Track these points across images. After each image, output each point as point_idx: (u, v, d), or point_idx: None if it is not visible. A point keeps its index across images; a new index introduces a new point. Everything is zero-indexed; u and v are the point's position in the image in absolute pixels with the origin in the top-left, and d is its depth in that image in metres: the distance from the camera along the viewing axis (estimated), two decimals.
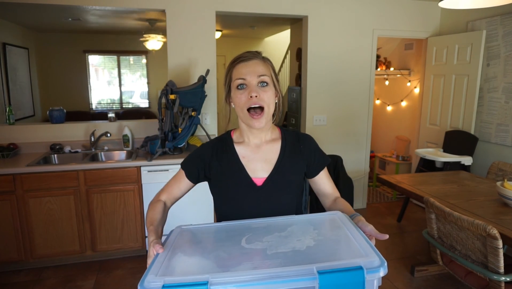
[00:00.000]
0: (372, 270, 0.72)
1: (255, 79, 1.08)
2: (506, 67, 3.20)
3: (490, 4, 1.91)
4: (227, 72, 1.14)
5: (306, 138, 1.24)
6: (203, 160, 1.18)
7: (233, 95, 1.11)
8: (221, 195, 1.20)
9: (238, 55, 1.14)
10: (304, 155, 1.20)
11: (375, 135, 5.28)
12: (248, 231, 0.95)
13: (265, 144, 1.19)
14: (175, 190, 1.21)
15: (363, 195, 4.11)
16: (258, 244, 0.87)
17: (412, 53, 4.59)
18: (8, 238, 2.63)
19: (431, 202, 2.08)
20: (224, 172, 1.16)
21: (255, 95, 1.07)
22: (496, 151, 3.34)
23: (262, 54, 1.15)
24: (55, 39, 6.46)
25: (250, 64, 1.09)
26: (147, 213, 1.11)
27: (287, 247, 0.84)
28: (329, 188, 1.24)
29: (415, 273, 2.68)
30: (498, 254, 1.74)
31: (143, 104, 7.29)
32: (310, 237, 0.89)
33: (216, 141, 1.22)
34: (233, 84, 1.10)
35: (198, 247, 0.90)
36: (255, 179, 1.15)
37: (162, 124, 2.95)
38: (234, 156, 1.17)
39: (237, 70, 1.10)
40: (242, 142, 1.19)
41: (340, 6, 3.59)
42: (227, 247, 0.87)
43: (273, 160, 1.17)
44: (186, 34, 3.21)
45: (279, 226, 0.98)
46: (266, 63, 1.13)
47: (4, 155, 2.85)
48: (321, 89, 3.70)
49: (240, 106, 1.09)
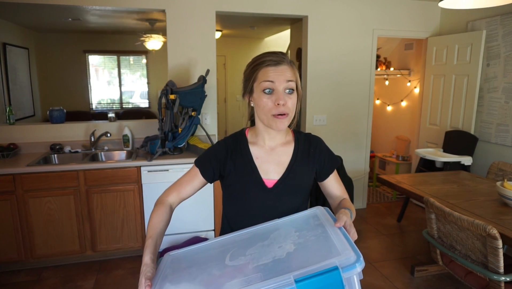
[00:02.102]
0: (348, 267, 0.72)
1: (283, 85, 1.07)
2: (506, 67, 3.20)
3: (490, 4, 1.91)
4: (251, 71, 1.12)
5: (317, 141, 1.24)
6: (218, 158, 1.18)
7: (257, 97, 1.10)
8: (231, 193, 1.20)
9: (264, 55, 1.11)
10: (315, 159, 1.21)
11: (375, 135, 5.28)
12: (233, 246, 0.96)
13: (279, 146, 1.19)
14: (187, 188, 1.18)
15: (363, 195, 4.11)
16: (241, 259, 0.88)
17: (412, 53, 4.59)
18: (8, 238, 2.63)
19: (431, 202, 2.08)
20: (237, 171, 1.17)
21: (283, 104, 1.06)
22: (496, 151, 3.34)
23: (288, 56, 1.14)
24: (55, 39, 6.46)
25: (280, 69, 1.08)
26: (151, 215, 1.09)
27: (268, 257, 0.84)
28: (337, 190, 1.25)
29: (415, 273, 2.68)
30: (498, 254, 1.74)
31: (143, 104, 7.29)
32: (291, 241, 0.89)
33: (231, 140, 1.21)
34: (259, 86, 1.09)
35: (184, 274, 0.91)
36: (267, 181, 1.16)
37: (162, 124, 2.95)
38: (248, 156, 1.17)
39: (266, 73, 1.08)
40: (257, 143, 1.19)
41: (340, 6, 3.59)
42: (211, 268, 0.88)
43: (285, 163, 1.17)
44: (186, 34, 3.21)
45: (262, 234, 0.99)
46: (293, 69, 1.12)
47: (4, 155, 2.85)
48: (321, 89, 3.70)
49: (264, 111, 1.09)
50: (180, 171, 2.84)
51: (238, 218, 1.20)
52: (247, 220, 1.17)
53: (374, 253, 3.06)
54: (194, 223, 2.95)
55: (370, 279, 2.65)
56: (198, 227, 2.98)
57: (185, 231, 2.93)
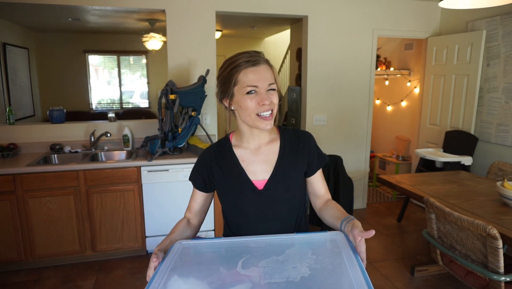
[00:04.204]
0: None
1: (265, 86, 1.07)
2: (506, 67, 3.20)
3: (490, 4, 1.91)
4: (229, 75, 1.08)
5: (305, 136, 1.22)
6: (205, 166, 1.19)
7: (239, 99, 1.08)
8: (224, 199, 1.20)
9: (239, 56, 1.09)
10: (304, 154, 1.19)
11: (375, 135, 5.28)
12: (246, 252, 0.96)
13: (264, 146, 1.18)
14: (192, 204, 1.24)
15: (363, 195, 4.11)
16: (254, 269, 0.87)
17: (412, 53, 4.59)
18: (8, 238, 2.63)
19: (431, 202, 2.08)
20: (225, 177, 1.16)
21: (268, 103, 1.06)
22: (496, 151, 3.34)
23: (264, 55, 1.13)
24: (55, 39, 6.46)
25: (260, 70, 1.07)
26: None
27: (281, 276, 0.83)
28: (322, 189, 1.24)
29: (415, 273, 2.68)
30: (498, 254, 1.74)
31: (143, 104, 7.29)
32: (306, 264, 0.88)
33: (215, 147, 1.22)
34: (241, 90, 1.07)
35: (194, 270, 0.90)
36: (256, 182, 1.15)
37: (162, 124, 2.95)
38: (233, 160, 1.16)
39: (246, 76, 1.06)
40: (241, 146, 1.18)
41: (340, 6, 3.59)
42: (222, 271, 0.87)
43: (272, 161, 1.16)
44: (186, 34, 3.21)
45: (277, 247, 0.98)
46: (272, 67, 1.11)
47: (4, 155, 2.85)
48: (321, 89, 3.70)
49: (248, 111, 1.07)
50: (180, 171, 2.84)
51: (237, 222, 1.20)
52: (246, 224, 1.17)
53: (374, 253, 3.06)
54: None
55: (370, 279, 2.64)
56: None
57: None
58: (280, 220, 1.17)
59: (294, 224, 1.20)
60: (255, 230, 1.15)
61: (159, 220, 2.87)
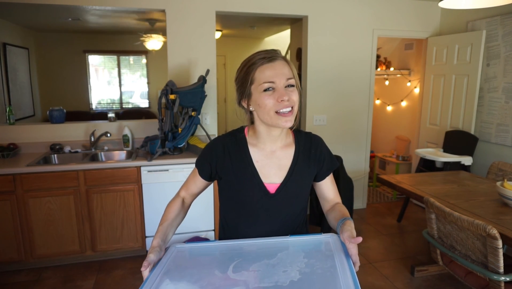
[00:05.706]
0: None
1: (283, 82, 1.03)
2: (506, 67, 3.20)
3: (490, 4, 1.91)
4: (246, 74, 1.06)
5: (318, 142, 1.20)
6: (215, 156, 1.14)
7: (257, 98, 1.04)
8: (231, 198, 1.17)
9: (255, 54, 1.07)
10: (316, 160, 1.18)
11: (375, 135, 5.28)
12: (238, 256, 0.97)
13: (279, 149, 1.15)
14: (192, 186, 1.23)
15: (363, 195, 4.11)
16: (244, 273, 0.88)
17: (412, 53, 4.59)
18: (8, 238, 2.63)
19: (431, 202, 2.08)
20: (236, 174, 1.13)
21: (287, 99, 1.02)
22: (496, 151, 3.34)
23: (281, 52, 1.10)
24: (55, 39, 6.46)
25: (277, 66, 1.03)
26: (165, 209, 1.18)
27: (270, 281, 0.84)
28: (331, 193, 1.23)
29: (415, 273, 2.68)
30: (498, 254, 1.74)
31: (143, 104, 7.29)
32: (297, 268, 0.88)
33: (229, 138, 1.16)
34: (259, 87, 1.03)
35: (186, 274, 0.91)
36: (268, 185, 1.13)
37: (162, 124, 2.95)
38: (247, 158, 1.13)
39: (263, 73, 1.03)
40: (257, 145, 1.14)
41: (340, 6, 3.59)
42: (213, 275, 0.89)
43: (286, 166, 1.14)
44: (186, 34, 3.21)
45: (270, 250, 0.98)
46: (290, 64, 1.07)
47: (4, 155, 2.85)
48: (321, 89, 3.70)
49: (267, 109, 1.03)
50: (180, 171, 2.84)
51: (239, 224, 1.18)
52: (247, 224, 1.16)
53: (374, 253, 3.06)
54: (194, 223, 2.95)
55: (370, 279, 2.65)
56: (198, 227, 2.98)
57: (185, 231, 2.93)
58: (284, 223, 1.16)
59: (296, 226, 1.20)
60: (255, 231, 1.14)
61: (159, 220, 2.86)
